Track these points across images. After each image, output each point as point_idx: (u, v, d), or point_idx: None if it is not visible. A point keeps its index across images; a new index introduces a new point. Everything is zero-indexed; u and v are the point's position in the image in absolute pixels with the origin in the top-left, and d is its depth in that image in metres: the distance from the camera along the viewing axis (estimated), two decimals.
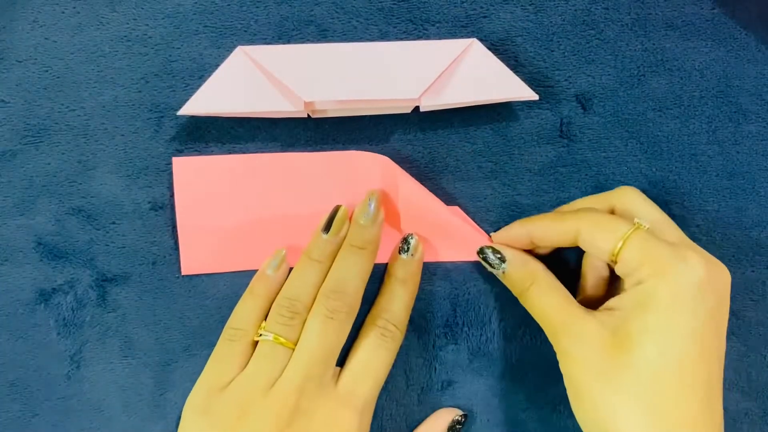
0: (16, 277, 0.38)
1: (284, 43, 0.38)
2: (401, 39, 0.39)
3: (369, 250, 0.37)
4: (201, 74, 0.38)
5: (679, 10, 0.40)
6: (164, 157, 0.38)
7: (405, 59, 0.36)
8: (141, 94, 0.38)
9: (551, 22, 0.39)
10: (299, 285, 0.36)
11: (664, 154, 0.40)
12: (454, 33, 0.39)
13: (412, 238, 0.38)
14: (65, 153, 0.38)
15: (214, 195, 0.38)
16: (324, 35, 0.39)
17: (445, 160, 0.39)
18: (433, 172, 0.39)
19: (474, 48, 0.37)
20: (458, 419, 0.39)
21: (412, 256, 0.38)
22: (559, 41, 0.39)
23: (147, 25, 0.38)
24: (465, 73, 0.37)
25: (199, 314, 0.39)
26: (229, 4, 0.39)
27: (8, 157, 0.38)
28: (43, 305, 0.38)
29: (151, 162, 0.38)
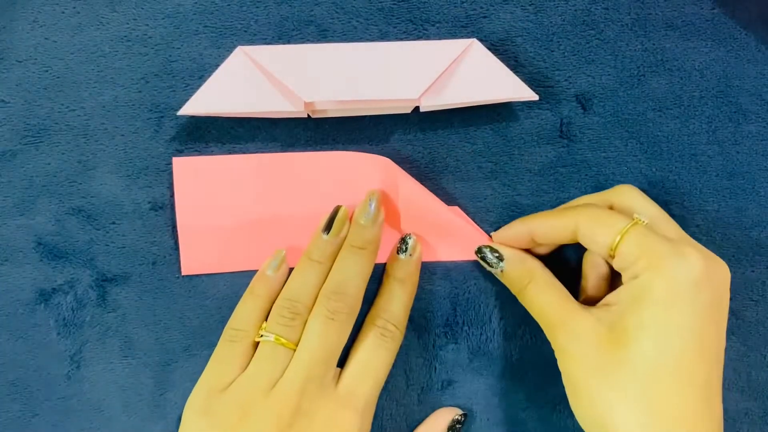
0: (16, 277, 0.38)
1: (284, 43, 0.38)
2: (401, 39, 0.39)
3: (369, 250, 0.37)
4: (201, 74, 0.38)
5: (679, 10, 0.40)
6: (164, 157, 0.38)
7: (405, 59, 0.36)
8: (141, 94, 0.38)
9: (551, 22, 0.39)
10: (300, 286, 0.36)
11: (664, 154, 0.40)
12: (454, 33, 0.39)
13: (410, 238, 0.38)
14: (65, 153, 0.38)
15: (214, 195, 0.38)
16: (324, 35, 0.39)
17: (445, 160, 0.39)
18: (433, 172, 0.39)
19: (474, 48, 0.37)
20: (458, 419, 0.39)
21: (411, 256, 0.38)
22: (559, 41, 0.39)
23: (147, 25, 0.38)
24: (465, 73, 0.37)
25: (199, 314, 0.39)
26: (229, 4, 0.38)
27: (8, 157, 0.38)
28: (43, 305, 0.38)
29: (151, 162, 0.38)
